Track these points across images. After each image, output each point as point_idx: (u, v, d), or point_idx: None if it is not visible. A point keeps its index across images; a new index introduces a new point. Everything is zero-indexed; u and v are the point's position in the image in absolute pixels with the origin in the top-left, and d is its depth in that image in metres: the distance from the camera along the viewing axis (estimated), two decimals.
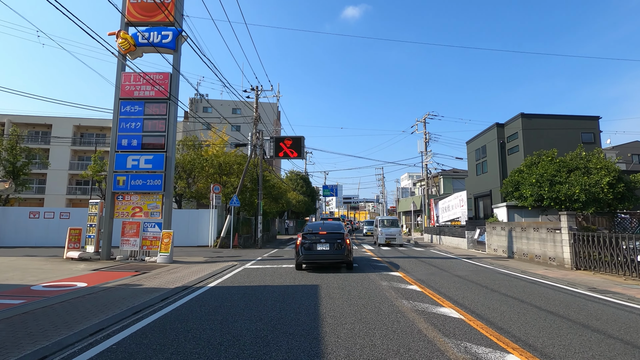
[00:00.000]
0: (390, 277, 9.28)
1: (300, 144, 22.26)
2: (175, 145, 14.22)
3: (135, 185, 13.54)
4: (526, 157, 14.82)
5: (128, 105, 14.00)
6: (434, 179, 38.08)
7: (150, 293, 7.32)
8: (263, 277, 9.34)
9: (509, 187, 14.19)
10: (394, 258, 14.47)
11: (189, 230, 20.06)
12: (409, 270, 10.85)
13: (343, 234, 10.83)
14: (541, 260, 13.01)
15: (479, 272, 10.54)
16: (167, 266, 11.92)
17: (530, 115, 18.85)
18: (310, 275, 9.72)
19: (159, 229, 13.32)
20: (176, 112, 14.14)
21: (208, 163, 20.85)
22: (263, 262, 12.88)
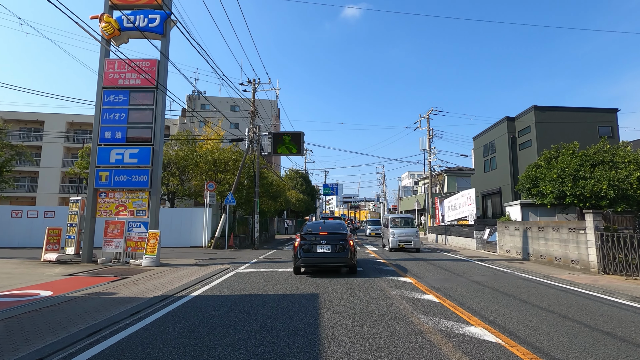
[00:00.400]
0: (400, 284, 8.18)
1: (300, 139, 21.17)
2: (164, 138, 13.13)
3: (119, 182, 12.45)
4: (543, 152, 13.73)
5: (112, 94, 12.90)
6: (437, 176, 36.97)
7: (122, 304, 6.23)
8: (256, 284, 8.24)
9: (526, 183, 13.10)
10: (401, 260, 13.38)
11: (181, 230, 18.97)
12: (419, 274, 9.76)
13: (346, 234, 9.74)
14: (562, 262, 11.92)
15: (497, 277, 9.45)
16: (152, 270, 10.84)
17: (544, 107, 17.75)
18: (310, 280, 8.64)
19: (145, 229, 12.24)
20: (164, 102, 13.05)
21: (202, 159, 19.75)
22: (258, 265, 11.79)
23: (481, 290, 7.54)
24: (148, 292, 7.34)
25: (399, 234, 16.80)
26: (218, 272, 10.28)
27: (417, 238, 16.75)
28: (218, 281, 8.74)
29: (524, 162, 18.65)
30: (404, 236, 16.77)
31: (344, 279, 8.85)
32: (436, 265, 12.04)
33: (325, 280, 8.77)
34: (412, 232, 16.87)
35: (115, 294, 7.18)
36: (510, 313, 5.61)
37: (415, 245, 16.68)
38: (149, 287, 7.91)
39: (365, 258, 14.12)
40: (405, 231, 16.94)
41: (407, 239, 16.65)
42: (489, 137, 21.93)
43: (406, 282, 8.52)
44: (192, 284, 8.33)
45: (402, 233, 16.83)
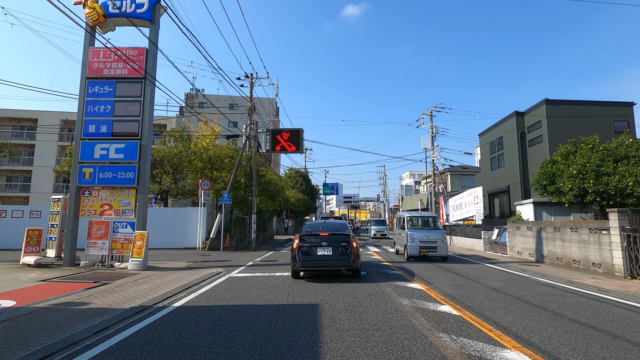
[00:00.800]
0: (410, 292, 7.30)
1: (299, 136, 20.26)
2: (156, 134, 12.24)
3: (104, 179, 11.57)
4: (558, 147, 12.84)
5: (96, 85, 12.02)
6: (441, 175, 36.08)
7: (91, 318, 5.35)
8: (249, 292, 7.36)
9: (542, 180, 12.20)
10: (405, 263, 12.50)
11: (174, 230, 18.09)
12: (428, 279, 8.87)
13: (348, 235, 8.98)
14: (581, 265, 11.04)
15: (516, 283, 8.57)
16: (138, 274, 9.96)
17: (556, 101, 16.86)
18: (309, 287, 7.76)
19: (131, 230, 11.35)
20: (153, 94, 12.16)
21: (197, 156, 18.86)
22: (253, 269, 10.91)
23: (503, 299, 6.65)
24: (125, 302, 6.46)
25: (420, 238, 13.17)
26: (209, 277, 9.41)
27: (443, 243, 13.14)
28: (207, 288, 7.85)
29: (535, 159, 17.77)
30: (426, 241, 13.10)
31: (346, 285, 7.97)
32: (445, 268, 11.16)
33: (326, 286, 7.89)
34: (438, 236, 13.17)
35: (87, 305, 6.30)
36: (547, 330, 4.73)
37: (441, 252, 13.07)
38: (129, 296, 7.04)
39: (368, 260, 13.24)
40: (428, 234, 13.34)
41: (430, 244, 13.01)
42: (496, 133, 21.04)
43: (416, 289, 7.63)
44: (178, 292, 7.45)
45: (425, 237, 13.20)
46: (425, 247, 13.06)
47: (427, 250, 13.03)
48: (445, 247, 13.30)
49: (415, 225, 14.17)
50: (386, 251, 17.24)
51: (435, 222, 14.52)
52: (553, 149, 16.22)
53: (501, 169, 20.59)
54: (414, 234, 13.31)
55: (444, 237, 13.36)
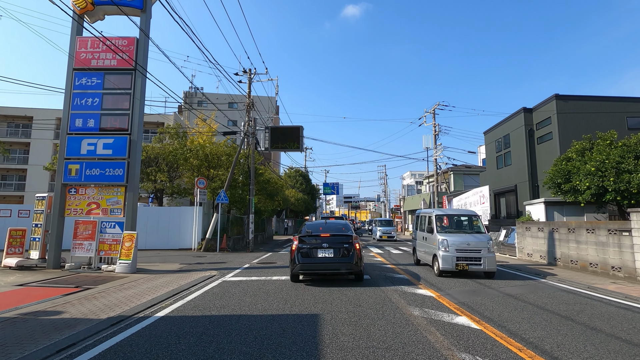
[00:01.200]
0: (419, 299, 6.62)
1: (299, 134, 19.60)
2: (143, 127, 11.57)
3: (91, 176, 10.90)
4: (572, 143, 12.14)
5: (84, 77, 11.35)
6: (443, 174, 35.40)
7: (59, 331, 4.69)
8: (242, 299, 6.68)
9: (557, 178, 11.51)
10: (411, 266, 11.83)
11: (169, 230, 17.41)
12: (438, 285, 8.19)
13: (351, 236, 8.42)
14: (599, 269, 10.35)
15: (533, 289, 7.89)
16: (125, 278, 9.29)
17: (566, 97, 16.17)
18: (308, 293, 7.08)
19: (120, 230, 10.69)
20: (144, 86, 11.49)
21: (193, 154, 18.18)
22: (249, 272, 10.23)
23: (524, 309, 5.97)
24: (104, 311, 5.79)
25: (458, 245, 9.35)
26: (201, 281, 8.74)
27: (490, 253, 9.31)
28: (197, 294, 7.18)
29: (544, 157, 17.09)
30: (466, 249, 9.29)
31: (349, 291, 7.30)
32: None
33: (327, 291, 7.22)
34: (481, 242, 9.35)
35: (61, 314, 5.62)
36: (586, 349, 4.05)
37: (487, 265, 9.15)
38: (109, 303, 6.36)
39: (371, 262, 12.57)
40: (468, 240, 9.45)
41: (472, 254, 9.24)
42: (503, 130, 20.34)
43: (426, 295, 6.95)
44: (164, 298, 6.78)
45: (463, 244, 9.36)
46: (464, 259, 9.23)
47: (467, 262, 9.20)
48: (493, 259, 9.28)
49: (449, 227, 10.43)
50: (389, 253, 16.56)
51: (476, 224, 10.63)
52: (564, 147, 15.54)
53: (508, 167, 19.91)
54: (449, 240, 9.43)
55: (489, 245, 9.39)
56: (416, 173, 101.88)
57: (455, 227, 10.72)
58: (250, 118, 19.66)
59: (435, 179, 31.53)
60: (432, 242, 10.24)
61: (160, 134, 19.67)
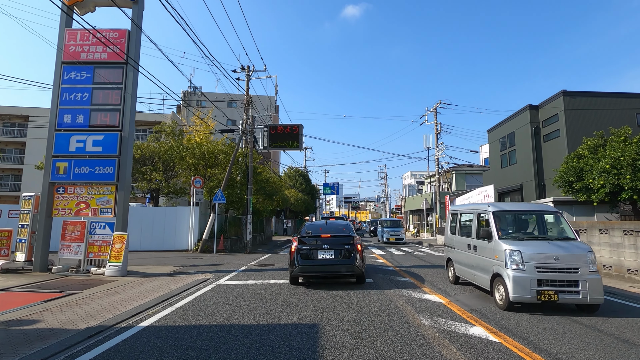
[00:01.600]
0: (428, 306, 6.12)
1: (298, 132, 19.13)
2: (135, 123, 11.08)
3: (80, 174, 10.40)
4: (583, 140, 11.65)
5: (73, 71, 10.86)
6: (445, 174, 34.89)
7: (31, 345, 4.20)
8: (235, 305, 6.18)
9: (568, 176, 11.01)
10: (415, 268, 11.33)
11: (165, 231, 16.91)
12: (445, 289, 7.70)
13: (352, 237, 8.08)
14: (613, 271, 9.85)
15: None
16: (114, 281, 8.80)
17: (574, 93, 15.68)
18: (307, 298, 6.58)
19: (110, 231, 10.19)
20: (136, 81, 10.99)
21: (189, 152, 17.68)
22: (245, 275, 9.73)
23: (544, 316, 5.47)
24: (84, 320, 5.30)
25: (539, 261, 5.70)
26: (194, 285, 8.24)
27: (594, 274, 5.65)
28: (188, 300, 6.67)
29: (550, 155, 16.60)
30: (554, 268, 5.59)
31: (351, 296, 6.80)
32: None
33: (327, 296, 6.72)
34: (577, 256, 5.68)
35: (36, 323, 5.13)
36: None
37: (591, 295, 5.53)
38: (92, 311, 5.86)
39: (373, 263, 12.07)
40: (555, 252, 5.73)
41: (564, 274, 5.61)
42: (507, 128, 19.84)
43: (435, 302, 6.45)
44: (152, 305, 6.28)
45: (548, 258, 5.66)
46: (551, 282, 5.60)
47: (555, 288, 5.55)
48: (598, 283, 5.63)
49: (516, 231, 6.91)
50: (391, 254, 16.06)
51: (561, 225, 6.76)
52: (572, 144, 15.07)
53: (513, 166, 19.41)
54: (523, 252, 5.77)
55: (590, 259, 5.71)
56: (416, 173, 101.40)
57: (525, 230, 7.19)
58: (249, 116, 19.18)
59: (437, 179, 31.04)
60: (489, 254, 6.46)
61: (156, 132, 19.17)
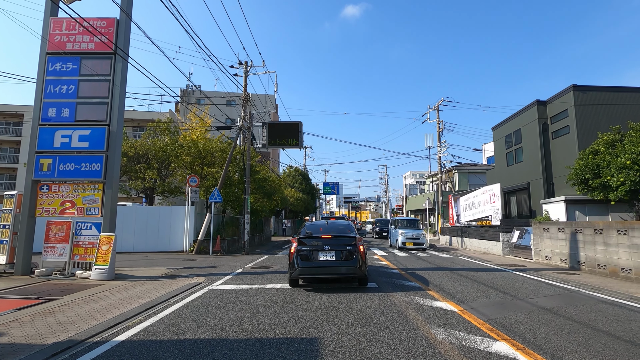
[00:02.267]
0: (440, 315, 5.50)
1: (298, 130, 18.50)
2: (123, 117, 10.46)
3: (65, 171, 9.79)
4: (599, 135, 11.04)
5: (58, 62, 10.24)
6: (447, 173, 34.27)
7: None
8: (226, 315, 5.57)
9: (584, 173, 10.41)
10: (420, 270, 10.71)
11: (159, 232, 16.29)
12: (456, 294, 7.08)
13: (354, 237, 7.80)
14: (632, 274, 9.24)
15: (569, 300, 6.77)
16: (100, 286, 8.19)
17: (585, 87, 15.06)
18: (306, 306, 5.96)
19: (97, 232, 9.58)
20: (125, 73, 10.36)
21: (184, 150, 17.06)
22: (241, 279, 9.11)
23: (573, 329, 4.86)
24: (54, 333, 4.69)
25: None
26: (184, 290, 7.63)
27: None
28: (174, 308, 6.06)
29: (559, 153, 15.99)
30: None
31: (355, 304, 6.18)
32: (468, 277, 9.37)
33: (328, 304, 6.10)
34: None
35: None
36: None
37: None
38: (66, 321, 5.25)
39: (375, 265, 11.45)
40: None
41: None
42: (514, 125, 19.22)
43: (447, 310, 5.83)
44: (134, 314, 5.67)
45: None
46: None
47: None
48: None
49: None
50: (394, 255, 15.43)
51: None
52: (582, 141, 14.46)
53: (519, 164, 18.79)
54: None
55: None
56: (417, 173, 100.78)
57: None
58: (246, 112, 18.56)
59: (440, 178, 30.42)
60: None
61: (150, 129, 18.56)
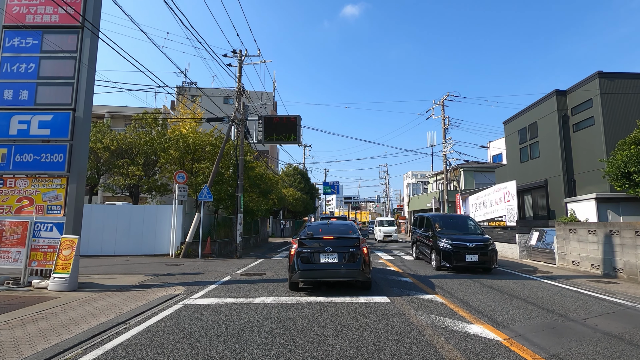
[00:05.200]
0: (484, 350, 4.10)
1: (296, 124, 17.16)
2: (92, 101, 9.05)
3: (22, 163, 8.39)
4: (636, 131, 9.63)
5: (17, 36, 8.85)
6: (453, 171, 32.89)
7: None
8: (194, 347, 4.17)
9: (629, 165, 9.03)
10: (435, 278, 9.30)
11: (143, 233, 14.87)
12: (490, 313, 5.69)
13: (357, 239, 7.35)
14: None
15: (635, 321, 5.38)
16: (56, 299, 6.81)
17: (611, 74, 13.65)
18: (303, 332, 4.57)
19: (58, 234, 8.17)
20: (95, 49, 8.97)
21: (172, 143, 15.67)
22: (226, 290, 7.71)
23: None
24: None
25: None
26: (154, 306, 6.23)
27: None
28: (129, 335, 4.65)
29: (582, 146, 14.62)
30: None
31: (365, 328, 4.78)
32: (493, 287, 7.98)
33: (330, 327, 4.71)
34: None
35: None
36: None
37: None
38: None
39: (384, 271, 10.04)
40: None
41: None
42: (528, 118, 17.84)
43: (489, 339, 4.42)
44: (74, 344, 4.28)
45: None
46: None
47: None
48: None
49: None
50: (401, 259, 14.02)
51: None
52: (610, 133, 13.11)
53: (535, 160, 17.40)
54: None
55: None
56: (417, 173, 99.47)
57: None
58: (240, 104, 17.17)
59: (445, 176, 29.02)
60: None
61: (136, 121, 17.13)
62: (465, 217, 13.18)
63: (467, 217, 12.86)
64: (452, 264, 9.97)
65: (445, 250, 10.18)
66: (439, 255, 10.31)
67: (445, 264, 10.11)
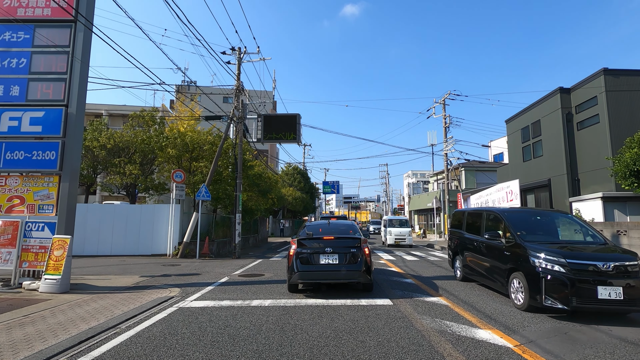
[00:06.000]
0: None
1: (295, 122, 16.92)
2: (86, 98, 8.80)
3: (13, 161, 8.15)
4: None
5: (7, 30, 8.61)
6: (454, 171, 32.65)
7: None
8: (186, 355, 3.92)
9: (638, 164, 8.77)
10: (438, 279, 9.07)
11: (140, 233, 14.63)
12: (497, 317, 5.45)
13: (359, 239, 7.15)
14: None
15: None
16: (46, 301, 6.57)
17: (617, 71, 13.40)
18: (302, 338, 4.33)
19: (50, 233, 7.93)
20: (88, 44, 8.73)
21: (169, 142, 15.42)
22: (223, 291, 7.47)
23: None
24: None
25: None
26: (148, 309, 5.99)
27: None
28: (119, 341, 4.41)
29: (586, 145, 14.38)
30: None
31: (368, 334, 4.54)
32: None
33: (331, 333, 4.47)
34: None
35: None
36: None
37: None
38: None
39: (385, 273, 9.81)
40: None
41: None
42: (531, 116, 17.59)
43: (500, 346, 4.17)
44: (59, 351, 4.03)
45: None
46: None
47: None
48: None
49: None
50: (402, 259, 13.78)
51: None
52: (615, 131, 12.87)
53: (538, 159, 17.15)
54: None
55: None
56: (418, 172, 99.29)
57: None
58: (239, 102, 16.92)
59: (446, 175, 28.78)
60: None
61: (133, 119, 16.89)
62: (564, 215, 7.66)
63: (570, 217, 7.50)
64: (569, 304, 5.26)
65: (554, 276, 5.41)
66: (535, 285, 5.59)
67: (552, 303, 5.37)
